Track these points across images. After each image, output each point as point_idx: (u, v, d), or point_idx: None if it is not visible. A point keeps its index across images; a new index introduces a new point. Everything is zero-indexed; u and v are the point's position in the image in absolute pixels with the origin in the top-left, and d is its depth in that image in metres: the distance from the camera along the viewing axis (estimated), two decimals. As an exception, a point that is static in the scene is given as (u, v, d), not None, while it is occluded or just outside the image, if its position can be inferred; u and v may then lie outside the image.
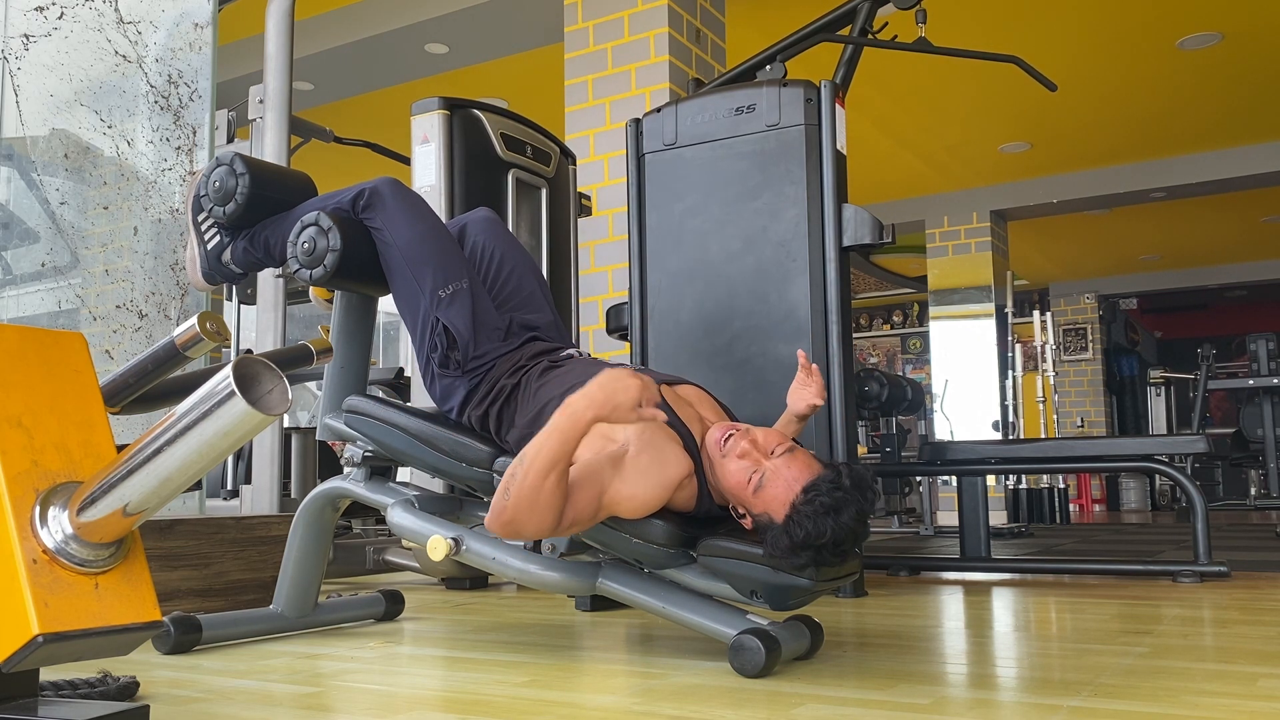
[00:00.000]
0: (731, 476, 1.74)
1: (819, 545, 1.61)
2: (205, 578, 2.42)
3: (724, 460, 1.75)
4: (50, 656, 1.08)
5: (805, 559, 1.62)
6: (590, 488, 1.68)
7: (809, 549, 1.61)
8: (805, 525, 1.61)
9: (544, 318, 2.16)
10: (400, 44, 5.29)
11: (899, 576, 3.42)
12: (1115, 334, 12.06)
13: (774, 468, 1.71)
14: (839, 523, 1.60)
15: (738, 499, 1.75)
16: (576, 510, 1.66)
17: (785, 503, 1.66)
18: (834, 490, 1.62)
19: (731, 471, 1.74)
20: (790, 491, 1.66)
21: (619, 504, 1.70)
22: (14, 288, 3.49)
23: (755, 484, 1.70)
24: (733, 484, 1.74)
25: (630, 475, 1.70)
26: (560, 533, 1.68)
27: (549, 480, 1.59)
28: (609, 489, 1.69)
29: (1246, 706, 1.39)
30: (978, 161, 7.59)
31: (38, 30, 3.33)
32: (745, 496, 1.72)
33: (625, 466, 1.71)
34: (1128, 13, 5.29)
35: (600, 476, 1.69)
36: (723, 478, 1.76)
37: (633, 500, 1.70)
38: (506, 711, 1.41)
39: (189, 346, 1.45)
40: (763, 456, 1.72)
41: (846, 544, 1.63)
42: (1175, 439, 3.34)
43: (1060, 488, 7.64)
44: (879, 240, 2.82)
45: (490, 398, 1.98)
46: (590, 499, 1.67)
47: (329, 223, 2.03)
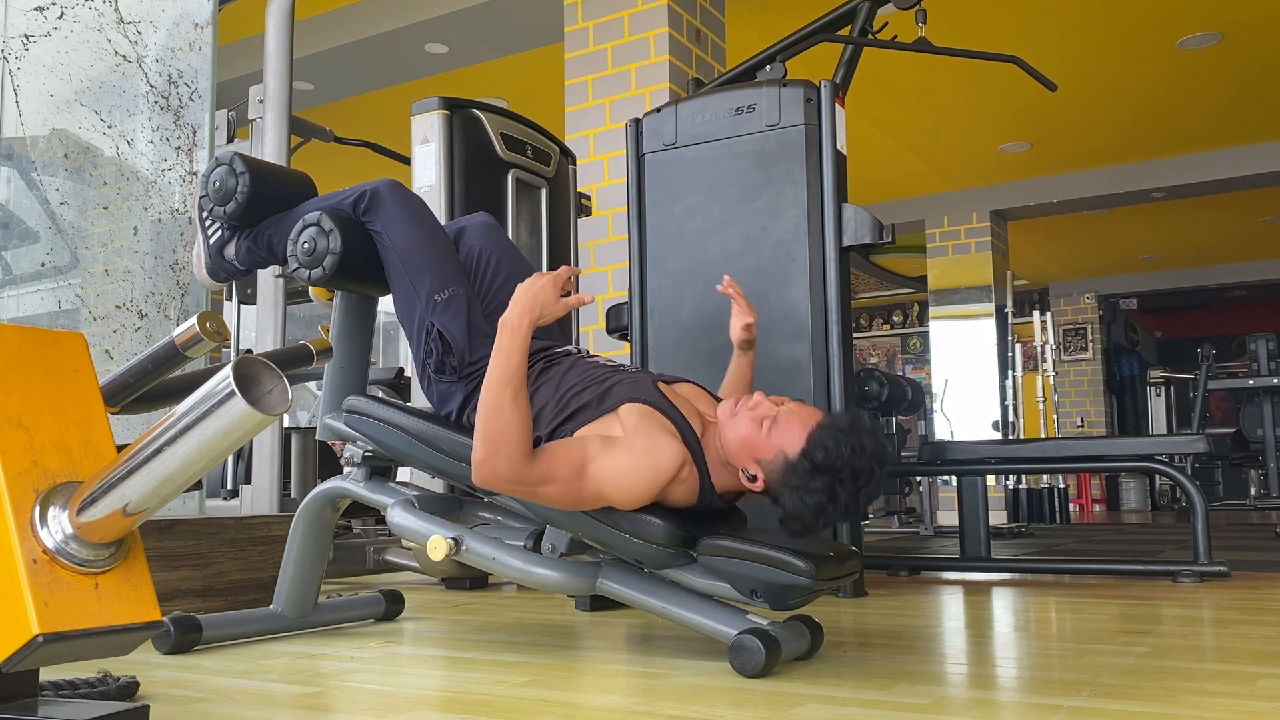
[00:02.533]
0: (745, 427, 1.75)
1: (838, 470, 1.63)
2: (205, 578, 2.42)
3: (735, 420, 1.77)
4: (50, 656, 1.08)
5: (822, 487, 1.64)
6: (574, 448, 1.70)
7: (828, 473, 1.63)
8: (825, 444, 1.64)
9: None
10: (400, 44, 5.29)
11: (899, 576, 3.42)
12: (1115, 334, 12.06)
13: (788, 410, 1.75)
14: (859, 444, 1.63)
15: (750, 448, 1.75)
16: (554, 462, 1.67)
17: (802, 434, 1.69)
18: (851, 421, 1.67)
19: (745, 423, 1.75)
20: (807, 424, 1.70)
21: (606, 479, 1.69)
22: (14, 288, 3.49)
23: (769, 426, 1.73)
24: (745, 433, 1.75)
25: (620, 454, 1.71)
26: (535, 481, 1.67)
27: (505, 396, 1.65)
28: (595, 459, 1.70)
29: (1246, 706, 1.39)
30: (978, 161, 7.59)
31: (38, 30, 3.33)
32: (758, 441, 1.73)
33: (617, 445, 1.72)
34: (1127, 12, 5.29)
35: (588, 444, 1.72)
36: (734, 435, 1.76)
37: (621, 478, 1.69)
38: (506, 711, 1.41)
39: (189, 346, 1.45)
40: (775, 405, 1.76)
41: (863, 480, 1.65)
42: (1175, 439, 3.34)
43: (1060, 488, 7.64)
44: (879, 240, 2.82)
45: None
46: (572, 458, 1.69)
47: (330, 224, 2.03)
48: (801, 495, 1.67)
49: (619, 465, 1.70)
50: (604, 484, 1.70)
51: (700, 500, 1.80)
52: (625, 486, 1.70)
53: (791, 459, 1.69)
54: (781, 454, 1.71)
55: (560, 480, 1.68)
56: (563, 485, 1.69)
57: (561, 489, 1.69)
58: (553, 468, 1.68)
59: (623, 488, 1.70)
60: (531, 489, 1.69)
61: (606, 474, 1.70)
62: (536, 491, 1.69)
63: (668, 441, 1.74)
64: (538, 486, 1.68)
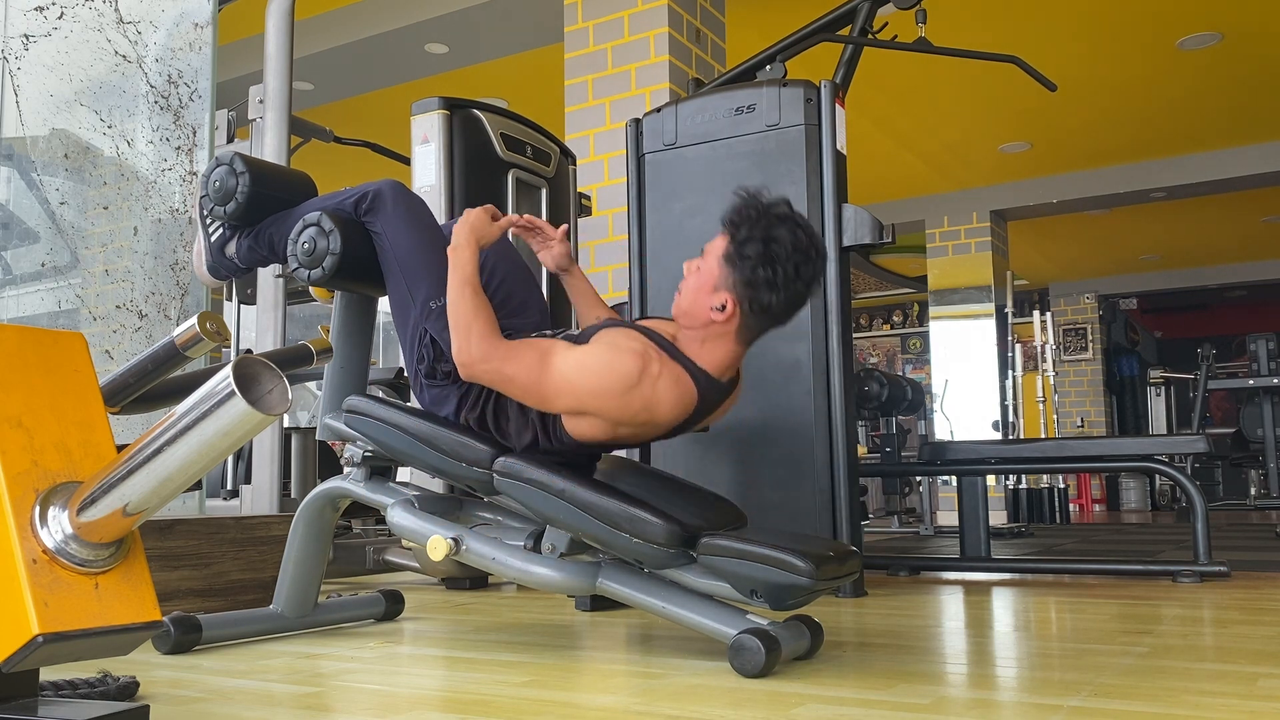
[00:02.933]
0: (689, 287, 1.86)
1: (755, 220, 1.79)
2: (205, 578, 2.42)
3: (680, 295, 1.88)
4: (50, 656, 1.08)
5: (758, 252, 1.77)
6: (542, 341, 1.86)
7: (756, 239, 1.78)
8: (733, 218, 1.82)
9: (529, 321, 2.15)
10: (400, 44, 5.29)
11: (899, 576, 3.42)
12: (1115, 334, 12.06)
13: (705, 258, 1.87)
14: (758, 203, 1.81)
15: (703, 291, 1.84)
16: (522, 347, 1.83)
17: (723, 239, 1.83)
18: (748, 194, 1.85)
19: (688, 285, 1.87)
20: (724, 243, 1.83)
21: (569, 367, 1.79)
22: (14, 288, 3.49)
23: (700, 263, 1.86)
24: (692, 287, 1.86)
25: (583, 349, 1.83)
26: (502, 358, 1.80)
27: (466, 293, 1.85)
28: (561, 351, 1.82)
29: (1246, 706, 1.39)
30: (978, 161, 7.59)
31: (38, 30, 3.34)
32: (701, 280, 1.84)
33: (581, 346, 1.84)
34: (1128, 13, 5.29)
35: (555, 341, 1.86)
36: (689, 301, 1.86)
37: (583, 368, 1.79)
38: (506, 711, 1.41)
39: (189, 346, 1.45)
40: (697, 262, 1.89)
41: (782, 224, 1.79)
42: (1175, 439, 3.34)
43: (1060, 488, 7.64)
44: (879, 240, 2.82)
45: (484, 398, 1.97)
46: (538, 345, 1.83)
47: (330, 225, 2.03)
48: (752, 272, 1.78)
49: (581, 356, 1.81)
50: (568, 371, 1.79)
51: (703, 394, 1.84)
52: (589, 374, 1.78)
53: (729, 253, 1.81)
54: (719, 262, 1.82)
55: (525, 363, 1.80)
56: (528, 368, 1.80)
57: (527, 372, 1.80)
58: (519, 351, 1.82)
59: (586, 375, 1.78)
60: (499, 368, 1.80)
61: (569, 363, 1.80)
62: (505, 372, 1.81)
63: (627, 336, 1.84)
64: (504, 366, 1.80)
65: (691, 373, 1.83)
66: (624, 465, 2.04)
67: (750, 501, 2.83)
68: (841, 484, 2.77)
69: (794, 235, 1.79)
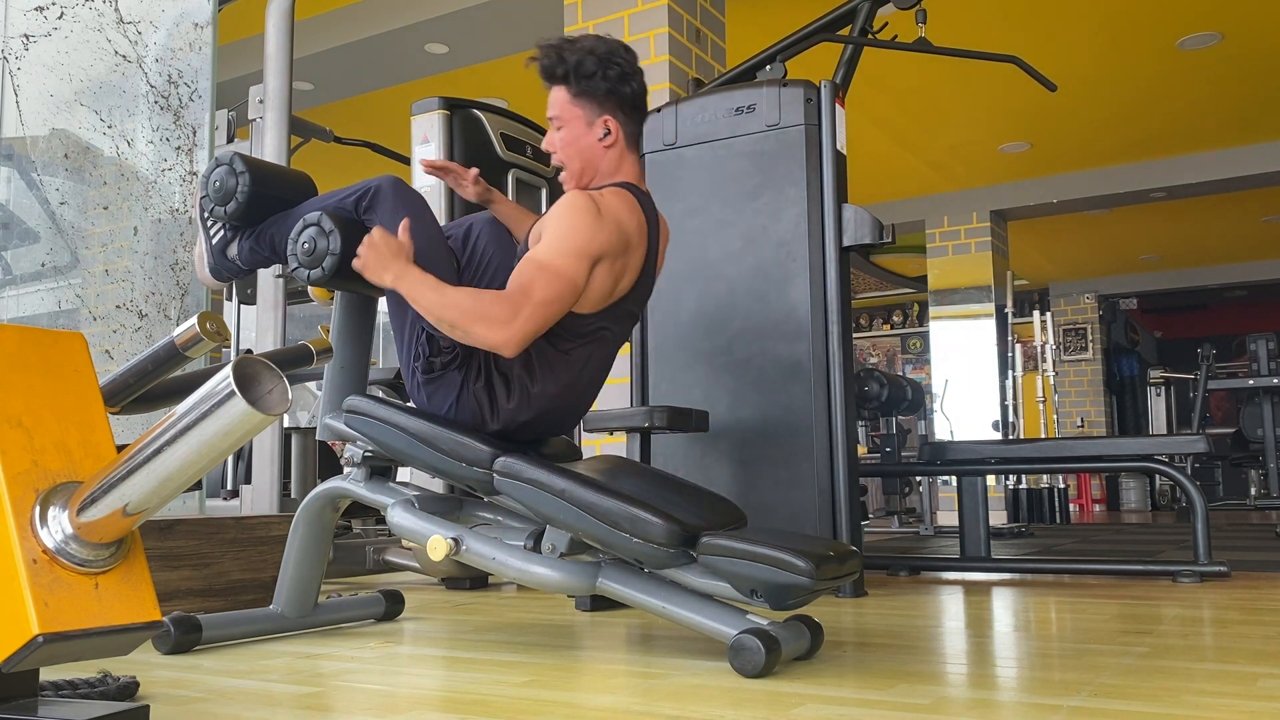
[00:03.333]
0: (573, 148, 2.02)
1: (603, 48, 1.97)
2: (205, 578, 2.42)
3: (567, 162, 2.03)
4: (50, 656, 1.08)
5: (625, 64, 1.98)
6: (524, 268, 1.88)
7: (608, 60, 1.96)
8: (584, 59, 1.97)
9: None
10: (400, 44, 5.29)
11: (899, 576, 3.42)
12: (1115, 334, 12.06)
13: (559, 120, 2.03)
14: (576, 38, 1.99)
15: (589, 139, 2.02)
16: (527, 284, 1.84)
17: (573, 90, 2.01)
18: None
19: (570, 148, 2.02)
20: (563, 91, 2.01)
21: (560, 244, 1.86)
22: (14, 288, 3.49)
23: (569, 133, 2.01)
24: (578, 147, 2.01)
25: (547, 234, 1.92)
26: (523, 297, 1.83)
27: (443, 291, 1.85)
28: (538, 253, 1.88)
29: (1246, 706, 1.39)
30: (978, 161, 7.58)
31: (38, 30, 3.34)
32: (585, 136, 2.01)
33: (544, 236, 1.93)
34: (1128, 13, 5.29)
35: (530, 256, 1.90)
36: (580, 155, 2.02)
37: (566, 233, 1.87)
38: (506, 711, 1.41)
39: (189, 346, 1.45)
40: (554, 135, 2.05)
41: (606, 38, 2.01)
42: (1175, 439, 3.34)
43: (1060, 488, 7.64)
44: (879, 240, 2.82)
45: (484, 364, 1.99)
46: (531, 268, 1.86)
47: (330, 225, 2.02)
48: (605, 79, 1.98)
49: (553, 232, 1.89)
50: (560, 245, 1.86)
51: (640, 200, 2.01)
52: (571, 229, 1.87)
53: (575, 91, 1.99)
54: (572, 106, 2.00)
55: (539, 280, 1.83)
56: (544, 280, 1.83)
57: (546, 283, 1.83)
58: (525, 284, 1.84)
59: (571, 231, 1.87)
60: (529, 307, 1.82)
61: (554, 243, 1.87)
62: (534, 301, 1.82)
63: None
64: (529, 299, 1.82)
65: (619, 185, 2.00)
66: (624, 465, 2.04)
67: (750, 501, 2.83)
68: (841, 484, 2.77)
69: (601, 39, 2.00)
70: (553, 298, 1.84)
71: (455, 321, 1.83)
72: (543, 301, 1.83)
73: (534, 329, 1.84)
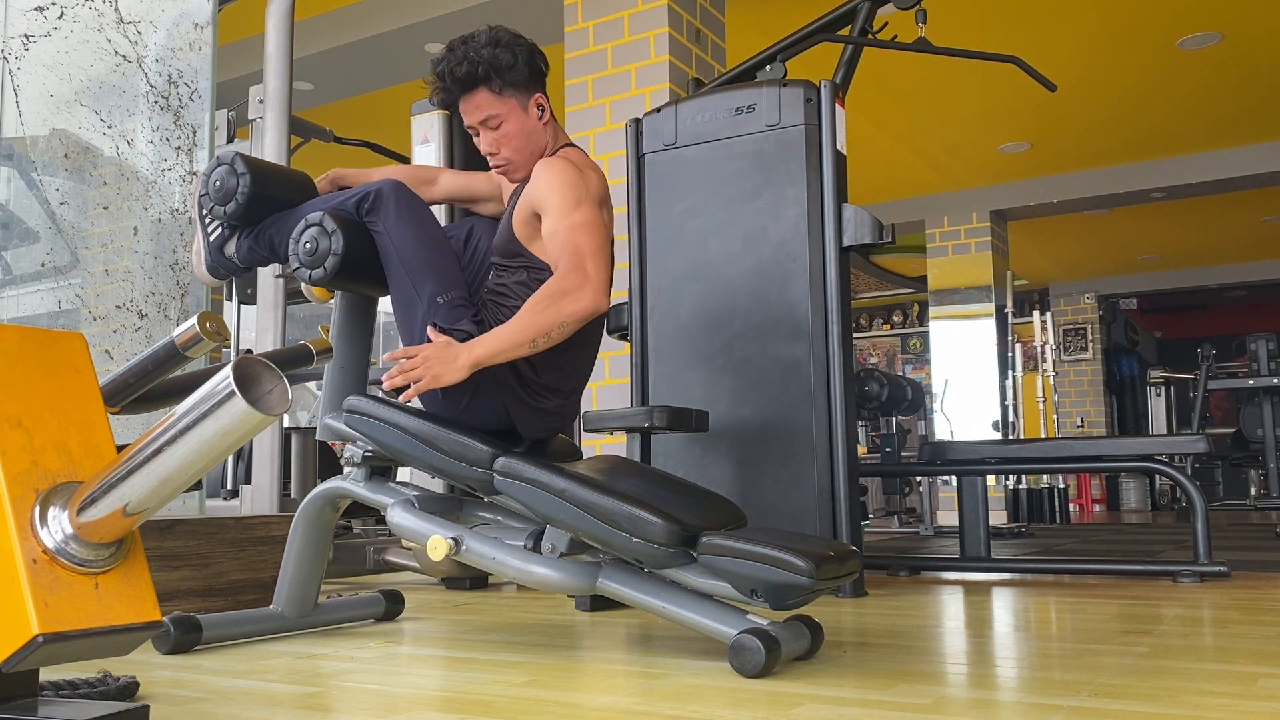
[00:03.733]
0: (516, 136, 2.10)
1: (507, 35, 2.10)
2: (205, 578, 2.42)
3: (510, 153, 2.11)
4: (50, 656, 1.08)
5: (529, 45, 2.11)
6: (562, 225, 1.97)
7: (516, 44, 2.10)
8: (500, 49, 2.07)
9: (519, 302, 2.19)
10: (400, 44, 5.29)
11: (899, 576, 3.42)
12: (1115, 334, 12.06)
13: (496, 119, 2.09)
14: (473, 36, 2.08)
15: (530, 122, 2.11)
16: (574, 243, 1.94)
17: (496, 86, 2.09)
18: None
19: (513, 137, 2.10)
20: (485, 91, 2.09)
21: (566, 194, 1.98)
22: (14, 288, 3.49)
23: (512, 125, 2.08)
24: (520, 134, 2.10)
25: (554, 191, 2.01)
26: (586, 258, 1.92)
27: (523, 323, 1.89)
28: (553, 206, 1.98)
29: (1246, 706, 1.39)
30: (978, 161, 7.58)
31: (38, 30, 3.33)
32: (525, 119, 2.10)
33: (546, 194, 2.03)
34: (1128, 13, 5.29)
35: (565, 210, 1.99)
36: (521, 138, 2.10)
37: (567, 186, 1.99)
38: (506, 711, 1.41)
39: (189, 346, 1.45)
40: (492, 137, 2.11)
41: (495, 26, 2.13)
42: (1175, 439, 3.34)
43: (1060, 488, 7.64)
44: (879, 240, 2.82)
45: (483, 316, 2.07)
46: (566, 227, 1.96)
47: (332, 225, 2.02)
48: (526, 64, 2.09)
49: (556, 188, 1.98)
50: (567, 194, 1.96)
51: (585, 157, 2.14)
52: (568, 184, 1.97)
53: (499, 85, 2.07)
54: (501, 99, 2.07)
55: (580, 234, 1.93)
56: (583, 232, 1.93)
57: (585, 235, 1.94)
58: (568, 239, 1.93)
59: (569, 185, 1.97)
60: (590, 259, 1.92)
61: (560, 193, 1.97)
62: (589, 252, 1.92)
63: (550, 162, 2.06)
64: (584, 251, 1.92)
65: (566, 147, 2.15)
66: (624, 465, 2.04)
67: (750, 501, 2.83)
68: (841, 484, 2.77)
69: (483, 33, 2.08)
70: (599, 243, 1.94)
71: (547, 327, 1.89)
72: (594, 251, 1.92)
73: (605, 275, 1.93)
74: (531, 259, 2.07)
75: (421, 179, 2.38)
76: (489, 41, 2.04)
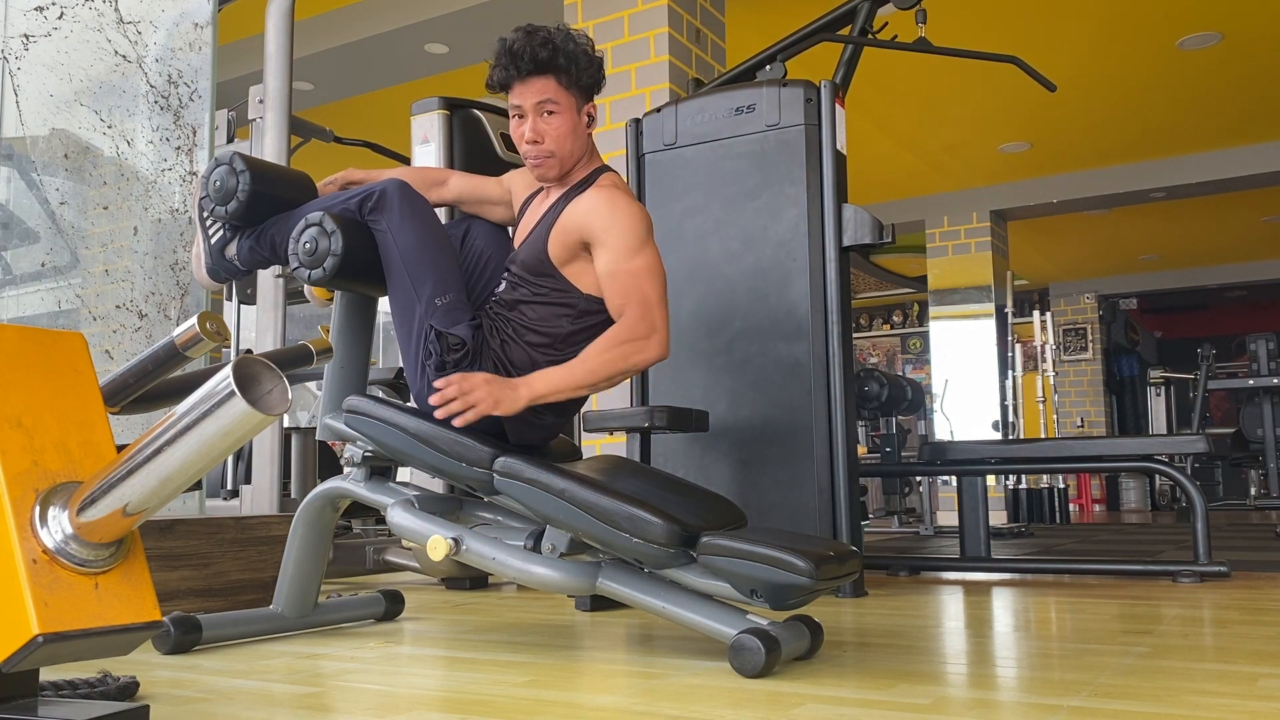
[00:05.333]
0: (568, 137, 2.09)
1: (578, 36, 2.09)
2: (205, 578, 2.42)
3: (559, 147, 2.09)
4: (50, 656, 1.08)
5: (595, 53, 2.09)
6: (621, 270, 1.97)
7: (589, 50, 2.08)
8: (572, 49, 2.06)
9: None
10: (400, 44, 5.28)
11: (899, 576, 3.42)
12: (1115, 334, 12.06)
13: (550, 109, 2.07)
14: (536, 29, 2.07)
15: (579, 125, 2.10)
16: (635, 284, 1.95)
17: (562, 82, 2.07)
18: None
19: (564, 136, 2.08)
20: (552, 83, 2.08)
21: (627, 237, 1.98)
22: (14, 288, 3.49)
23: (562, 122, 2.07)
24: (573, 135, 2.08)
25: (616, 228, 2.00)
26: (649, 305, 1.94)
27: (588, 365, 1.92)
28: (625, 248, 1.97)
29: (1246, 706, 1.39)
30: (978, 161, 7.58)
31: (38, 30, 3.33)
32: (576, 123, 2.09)
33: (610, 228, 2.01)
34: (1128, 13, 5.29)
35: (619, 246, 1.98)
36: (570, 141, 2.08)
37: (630, 226, 1.98)
38: (506, 711, 1.41)
39: (189, 346, 1.45)
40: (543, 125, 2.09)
41: (565, 27, 2.10)
42: (1175, 439, 3.34)
43: (1060, 488, 7.64)
44: (879, 240, 2.82)
45: (498, 363, 2.01)
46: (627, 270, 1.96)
47: (332, 225, 2.02)
48: (589, 69, 2.07)
49: (618, 226, 1.97)
50: (638, 241, 1.97)
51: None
52: (631, 223, 1.97)
53: (565, 82, 2.06)
54: (564, 94, 2.06)
55: (644, 281, 1.95)
56: (648, 281, 1.96)
57: (651, 280, 1.96)
58: (635, 294, 1.94)
59: (632, 225, 1.97)
60: (657, 307, 1.94)
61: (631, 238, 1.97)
62: (654, 301, 1.94)
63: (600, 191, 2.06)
64: (652, 300, 1.94)
65: (606, 169, 2.13)
66: (624, 465, 2.04)
67: (750, 501, 2.83)
68: (841, 484, 2.77)
69: (571, 30, 2.07)
70: (662, 290, 1.97)
71: (612, 374, 1.92)
72: (660, 299, 1.95)
73: (667, 322, 1.97)
74: (562, 282, 2.02)
75: (432, 180, 2.37)
76: (568, 38, 2.06)
